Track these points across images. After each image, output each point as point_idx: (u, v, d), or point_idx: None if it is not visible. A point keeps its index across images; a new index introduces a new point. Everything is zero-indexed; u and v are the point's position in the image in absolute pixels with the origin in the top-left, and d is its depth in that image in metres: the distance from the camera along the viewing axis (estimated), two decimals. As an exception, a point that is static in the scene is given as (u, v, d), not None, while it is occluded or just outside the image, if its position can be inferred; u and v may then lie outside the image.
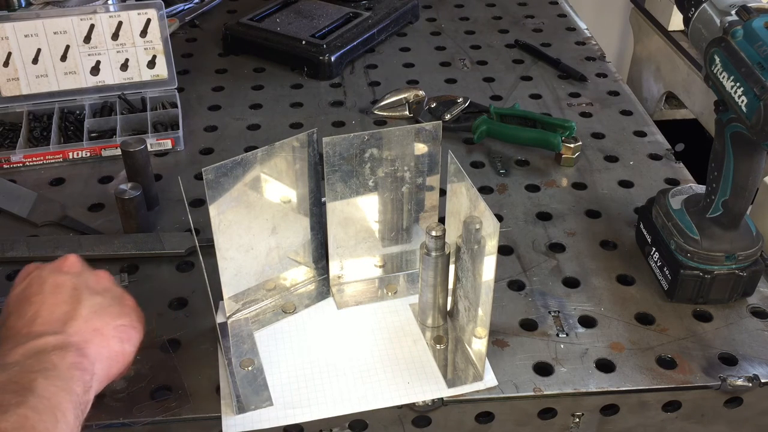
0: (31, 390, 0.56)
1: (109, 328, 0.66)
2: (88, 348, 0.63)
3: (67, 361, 0.60)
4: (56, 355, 0.60)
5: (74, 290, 0.67)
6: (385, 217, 0.84)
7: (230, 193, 0.73)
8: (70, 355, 0.61)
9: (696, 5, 0.78)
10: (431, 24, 1.44)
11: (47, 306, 0.65)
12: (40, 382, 0.57)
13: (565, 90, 1.23)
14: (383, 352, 0.78)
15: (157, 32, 1.12)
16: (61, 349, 0.61)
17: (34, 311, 0.65)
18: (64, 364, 0.60)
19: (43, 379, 0.57)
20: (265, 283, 0.83)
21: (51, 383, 0.57)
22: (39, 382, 0.57)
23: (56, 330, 0.63)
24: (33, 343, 0.61)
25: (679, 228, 0.83)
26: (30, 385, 0.56)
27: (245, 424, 0.70)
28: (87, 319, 0.65)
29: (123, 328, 0.68)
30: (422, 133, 0.79)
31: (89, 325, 0.65)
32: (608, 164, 1.07)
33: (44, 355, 0.60)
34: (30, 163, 1.04)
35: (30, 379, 0.57)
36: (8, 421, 0.53)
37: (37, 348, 0.60)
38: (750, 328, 0.81)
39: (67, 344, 0.62)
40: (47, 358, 0.59)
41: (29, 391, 0.56)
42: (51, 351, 0.60)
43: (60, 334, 0.63)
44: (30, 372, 0.57)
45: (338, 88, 1.24)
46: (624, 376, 0.75)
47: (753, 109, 0.69)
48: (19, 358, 0.59)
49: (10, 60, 1.08)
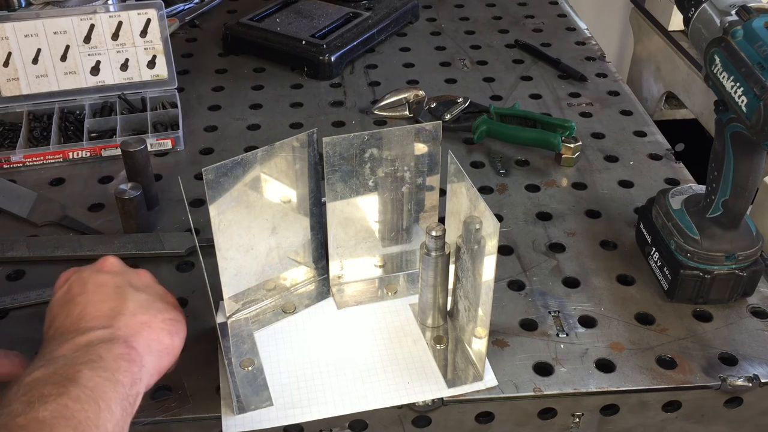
0: (75, 381, 0.55)
1: (157, 321, 0.66)
2: (136, 341, 0.63)
3: (113, 353, 0.60)
4: (103, 348, 0.60)
5: (117, 288, 0.67)
6: (385, 217, 0.84)
7: (230, 193, 0.73)
8: (117, 347, 0.60)
9: (696, 5, 0.78)
10: (431, 24, 1.44)
11: (93, 304, 0.65)
12: (85, 372, 0.56)
13: (565, 90, 1.23)
14: (383, 352, 0.78)
15: (157, 32, 1.12)
16: (108, 342, 0.61)
17: (79, 310, 0.65)
18: (110, 356, 0.59)
19: (87, 370, 0.57)
20: (265, 283, 0.83)
21: (96, 374, 0.57)
22: (83, 373, 0.56)
23: (104, 324, 0.63)
24: (80, 338, 0.61)
25: (679, 228, 0.83)
26: (74, 376, 0.56)
27: (245, 424, 0.70)
28: (134, 313, 0.65)
29: (170, 321, 0.68)
30: (422, 133, 0.79)
31: (137, 319, 0.65)
32: (608, 164, 1.07)
33: (91, 347, 0.59)
34: (30, 163, 1.04)
35: (75, 371, 0.56)
36: (47, 410, 0.52)
37: (84, 342, 0.60)
38: (750, 328, 0.81)
39: (115, 337, 0.62)
40: (94, 350, 0.59)
41: (72, 382, 0.55)
42: (98, 344, 0.60)
43: (108, 328, 0.63)
44: (75, 364, 0.57)
45: (338, 88, 1.24)
46: (624, 376, 0.75)
47: (753, 109, 0.69)
48: (65, 352, 0.59)
49: (10, 60, 1.08)
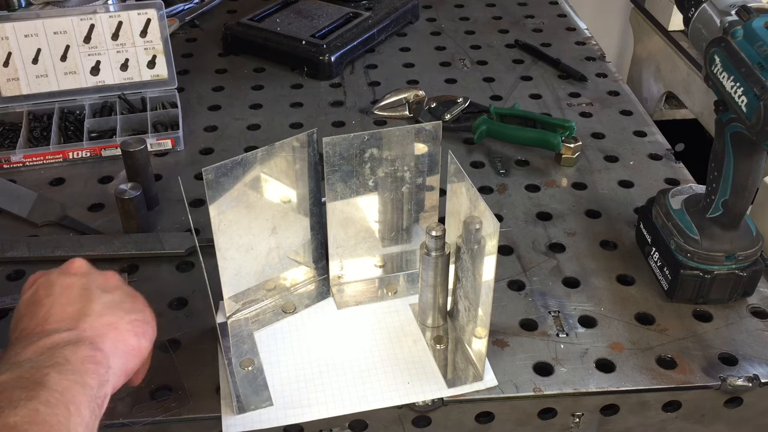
0: (43, 384, 0.55)
1: (124, 322, 0.65)
2: (102, 342, 0.62)
3: (80, 355, 0.59)
4: (69, 350, 0.59)
5: (84, 289, 0.67)
6: (385, 217, 0.84)
7: (230, 193, 0.73)
8: (83, 349, 0.60)
9: (696, 5, 0.78)
10: (431, 24, 1.44)
11: (58, 305, 0.64)
12: (53, 376, 0.56)
13: (565, 90, 1.23)
14: (383, 352, 0.78)
15: (157, 32, 1.12)
16: (74, 344, 0.60)
17: (44, 312, 0.64)
18: (77, 358, 0.58)
19: (55, 373, 0.56)
20: (265, 283, 0.83)
21: (64, 377, 0.56)
22: (51, 376, 0.56)
23: (69, 327, 0.62)
24: (45, 340, 0.60)
25: (679, 228, 0.83)
26: (42, 379, 0.55)
27: (245, 424, 0.70)
28: (100, 314, 0.64)
29: (137, 322, 0.67)
30: (422, 133, 0.79)
31: (103, 321, 0.64)
32: (608, 164, 1.07)
33: (57, 350, 0.59)
34: (30, 163, 1.04)
35: (42, 374, 0.56)
36: (18, 415, 0.52)
37: (49, 344, 0.59)
38: (750, 328, 0.81)
39: (81, 339, 0.61)
40: (60, 353, 0.58)
41: (41, 386, 0.55)
42: (64, 346, 0.59)
43: (73, 330, 0.62)
44: (42, 367, 0.56)
45: (338, 88, 1.24)
46: (624, 376, 0.75)
47: (753, 109, 0.69)
48: (30, 355, 0.58)
49: (10, 60, 1.08)
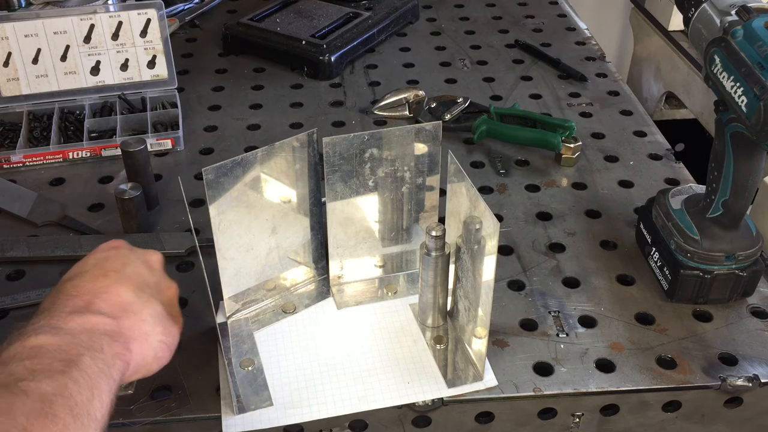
0: (77, 364, 0.58)
1: (155, 338, 0.67)
2: (132, 345, 0.65)
3: (113, 350, 0.62)
4: (106, 341, 0.62)
5: (145, 285, 0.69)
6: (385, 217, 0.84)
7: (230, 193, 0.73)
8: (117, 345, 0.63)
9: (696, 5, 0.78)
10: (431, 24, 1.44)
11: (116, 286, 0.66)
12: (86, 359, 0.59)
13: (565, 90, 1.23)
14: (383, 352, 0.78)
15: (157, 32, 1.12)
16: (111, 337, 0.62)
17: (104, 286, 0.66)
18: (110, 351, 0.61)
19: (89, 357, 0.59)
20: (265, 283, 0.83)
21: (95, 363, 0.59)
22: (85, 359, 0.59)
23: (114, 315, 0.64)
24: (90, 318, 0.62)
25: (679, 228, 0.83)
26: (77, 359, 0.58)
27: (245, 424, 0.70)
28: (143, 320, 0.67)
29: (164, 345, 0.68)
30: (422, 133, 0.79)
31: (142, 328, 0.66)
32: (608, 164, 1.07)
33: (96, 335, 0.61)
34: (30, 163, 1.04)
35: (78, 353, 0.59)
36: (50, 386, 0.55)
37: (91, 325, 0.62)
38: (750, 328, 0.81)
39: (118, 334, 0.63)
40: (98, 339, 0.61)
41: (74, 365, 0.58)
42: (102, 334, 0.62)
43: (116, 320, 0.64)
44: (79, 346, 0.59)
45: (338, 88, 1.24)
46: (624, 376, 0.75)
47: (753, 109, 0.69)
48: (73, 326, 0.61)
49: (10, 60, 1.08)
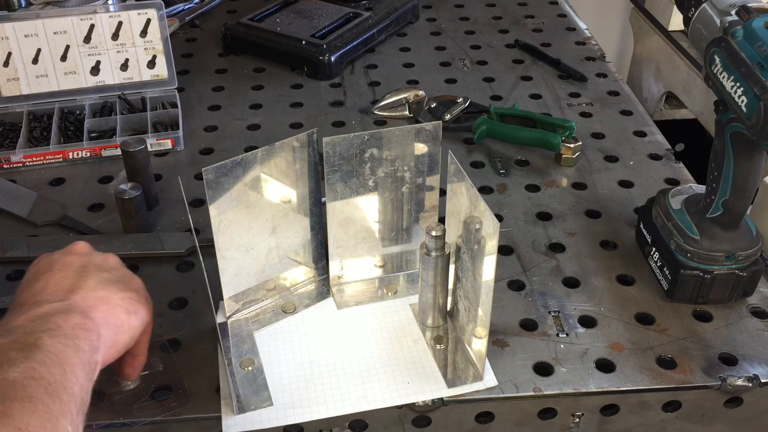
0: (37, 346, 0.57)
1: (116, 297, 0.67)
2: (92, 312, 0.64)
3: (71, 322, 0.61)
4: (60, 318, 0.61)
5: (82, 267, 0.69)
6: (385, 217, 0.84)
7: (230, 193, 0.73)
8: (73, 317, 0.62)
9: (696, 5, 0.78)
10: (431, 24, 1.44)
11: (53, 280, 0.67)
12: (45, 340, 0.58)
13: (565, 90, 1.23)
14: (383, 352, 0.78)
15: (157, 32, 1.12)
16: (65, 313, 0.62)
17: (41, 285, 0.66)
18: (68, 325, 0.61)
19: (48, 337, 0.58)
20: (265, 283, 0.83)
21: (56, 341, 0.58)
22: (44, 340, 0.58)
23: (60, 298, 0.65)
24: (37, 309, 0.62)
25: (679, 228, 0.83)
26: (36, 342, 0.57)
27: (245, 424, 0.70)
28: (93, 288, 0.67)
29: (129, 300, 0.69)
30: (422, 133, 0.79)
31: (94, 294, 0.66)
32: (608, 164, 1.07)
33: (48, 317, 0.61)
34: (30, 163, 1.04)
35: (35, 338, 0.58)
36: (16, 372, 0.54)
37: (41, 312, 0.62)
38: (750, 328, 0.81)
39: (71, 308, 0.63)
40: (51, 320, 0.61)
41: (35, 347, 0.57)
42: (54, 314, 0.62)
43: (64, 301, 0.64)
44: (35, 332, 0.59)
45: (338, 88, 1.24)
46: (624, 376, 0.75)
47: (753, 109, 0.69)
48: (22, 322, 0.60)
49: (10, 60, 1.08)
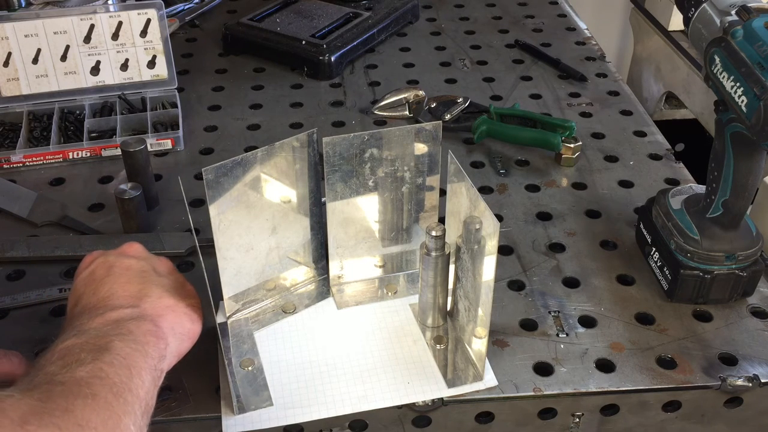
0: (107, 349, 0.58)
1: (181, 306, 0.69)
2: (161, 321, 0.66)
3: (142, 329, 0.63)
4: (132, 324, 0.62)
5: (142, 272, 0.70)
6: (385, 217, 0.84)
7: (230, 193, 0.73)
8: (145, 324, 0.63)
9: (696, 5, 0.78)
10: (431, 24, 1.44)
11: (119, 285, 0.68)
12: (116, 343, 0.59)
13: (565, 90, 1.23)
14: (383, 352, 0.78)
15: (157, 32, 1.12)
16: (137, 319, 0.63)
17: (106, 290, 0.67)
18: (140, 331, 0.62)
19: (118, 341, 0.59)
20: (265, 283, 0.83)
21: (126, 345, 0.60)
22: (115, 343, 0.59)
23: (132, 304, 0.66)
24: (111, 314, 0.63)
25: (679, 228, 0.83)
26: (106, 345, 0.59)
27: (245, 424, 0.70)
28: (159, 296, 0.68)
29: (193, 307, 0.70)
30: (422, 133, 0.79)
31: (162, 302, 0.67)
32: (608, 164, 1.07)
33: (121, 323, 0.62)
34: (30, 163, 1.04)
35: (106, 341, 0.59)
36: (84, 371, 0.55)
37: (114, 317, 0.63)
38: (750, 328, 0.81)
39: (143, 315, 0.64)
40: (124, 325, 0.62)
41: (105, 350, 0.58)
42: (128, 320, 0.63)
43: (136, 308, 0.65)
44: (107, 335, 0.60)
45: (338, 88, 1.24)
46: (624, 376, 0.75)
47: (753, 109, 0.69)
48: (96, 325, 0.62)
49: (10, 60, 1.08)
